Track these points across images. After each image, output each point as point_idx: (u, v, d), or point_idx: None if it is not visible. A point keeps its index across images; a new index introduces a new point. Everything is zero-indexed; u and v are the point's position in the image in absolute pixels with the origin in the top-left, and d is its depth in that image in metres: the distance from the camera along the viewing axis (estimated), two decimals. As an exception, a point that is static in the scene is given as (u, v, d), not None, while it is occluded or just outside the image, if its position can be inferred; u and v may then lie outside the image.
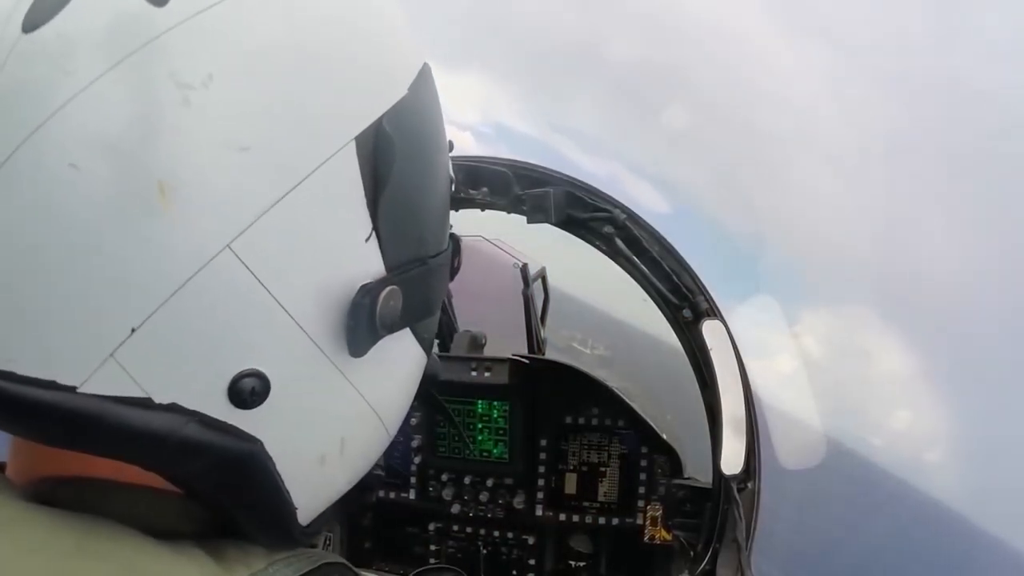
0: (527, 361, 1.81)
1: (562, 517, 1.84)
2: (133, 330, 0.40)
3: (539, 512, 1.85)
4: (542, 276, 2.08)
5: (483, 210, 1.70)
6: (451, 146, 0.62)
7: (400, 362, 0.57)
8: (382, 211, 0.48)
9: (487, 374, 1.76)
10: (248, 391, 0.44)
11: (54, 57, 0.40)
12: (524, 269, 1.98)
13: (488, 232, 1.97)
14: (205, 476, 0.46)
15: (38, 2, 0.42)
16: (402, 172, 0.49)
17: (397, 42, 0.53)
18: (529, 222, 1.64)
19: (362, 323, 0.47)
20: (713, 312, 1.56)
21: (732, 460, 1.50)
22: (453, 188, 0.63)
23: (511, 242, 2.09)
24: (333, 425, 0.52)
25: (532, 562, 1.91)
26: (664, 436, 1.77)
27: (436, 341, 1.97)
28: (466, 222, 1.68)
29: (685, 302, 1.57)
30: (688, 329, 1.56)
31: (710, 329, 1.54)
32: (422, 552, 1.98)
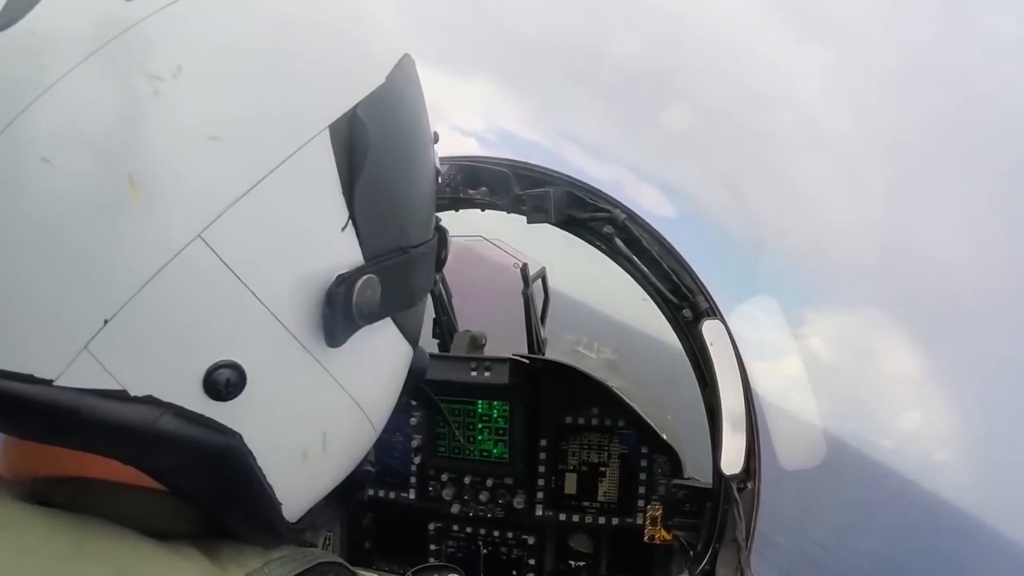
0: (527, 361, 1.81)
1: (562, 517, 1.84)
2: (106, 322, 0.41)
3: (539, 512, 1.85)
4: (542, 276, 2.08)
5: (483, 210, 1.70)
6: (436, 137, 0.61)
7: (383, 354, 0.56)
8: (359, 199, 0.48)
9: (487, 374, 1.76)
10: (223, 383, 0.44)
11: (26, 53, 0.40)
12: (524, 269, 1.98)
13: (488, 232, 1.97)
14: (184, 470, 0.46)
15: (11, 1, 0.42)
16: (379, 160, 0.49)
17: (373, 31, 0.53)
18: (529, 222, 1.64)
19: (338, 312, 0.47)
20: (713, 312, 1.56)
21: (732, 460, 1.50)
22: (441, 180, 0.63)
23: (517, 245, 2.08)
24: (314, 418, 0.52)
25: (532, 562, 1.91)
26: (664, 436, 1.77)
27: (437, 341, 1.99)
28: (464, 222, 1.68)
29: (685, 302, 1.57)
30: (688, 329, 1.56)
31: (710, 329, 1.54)
32: (422, 552, 1.98)
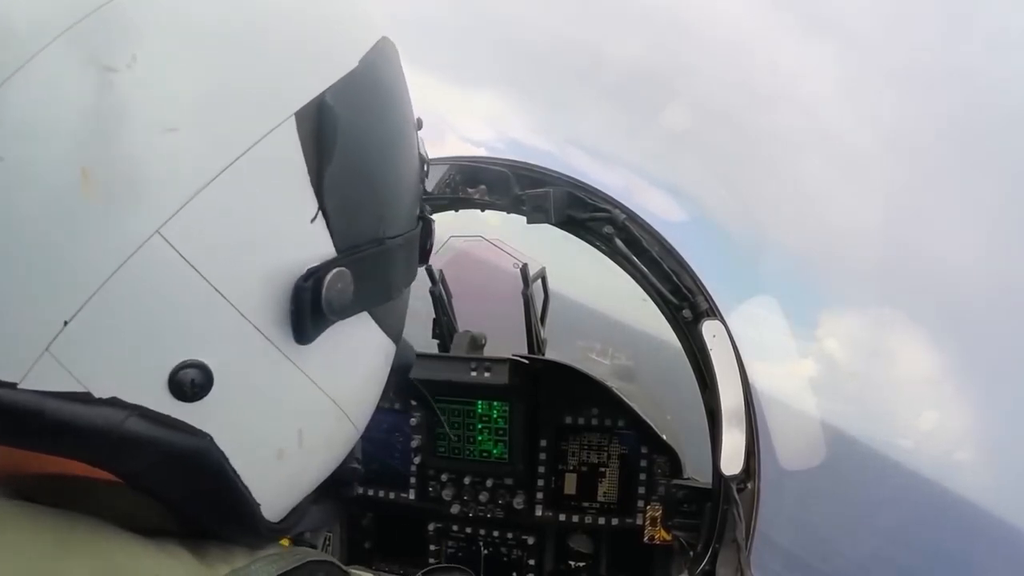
0: (527, 361, 1.81)
1: (562, 517, 1.84)
2: (66, 323, 0.40)
3: (539, 512, 1.85)
4: (542, 276, 2.07)
5: (483, 210, 1.70)
6: (420, 124, 0.60)
7: (361, 350, 0.55)
8: (329, 189, 0.46)
9: (487, 374, 1.76)
10: (189, 383, 0.42)
11: None
12: (524, 269, 1.97)
13: (488, 232, 1.97)
14: (155, 473, 0.45)
15: None
16: (351, 148, 0.48)
17: (345, 14, 0.52)
18: (529, 222, 1.64)
19: (306, 307, 0.45)
20: (713, 312, 1.55)
21: (732, 460, 1.50)
22: (427, 169, 0.61)
23: (517, 245, 2.08)
24: (288, 417, 0.50)
25: (532, 562, 1.90)
26: (664, 436, 1.77)
27: (437, 341, 1.99)
28: (464, 222, 1.68)
29: (685, 302, 1.57)
30: (688, 329, 1.56)
31: (710, 329, 1.53)
32: (422, 553, 1.98)
